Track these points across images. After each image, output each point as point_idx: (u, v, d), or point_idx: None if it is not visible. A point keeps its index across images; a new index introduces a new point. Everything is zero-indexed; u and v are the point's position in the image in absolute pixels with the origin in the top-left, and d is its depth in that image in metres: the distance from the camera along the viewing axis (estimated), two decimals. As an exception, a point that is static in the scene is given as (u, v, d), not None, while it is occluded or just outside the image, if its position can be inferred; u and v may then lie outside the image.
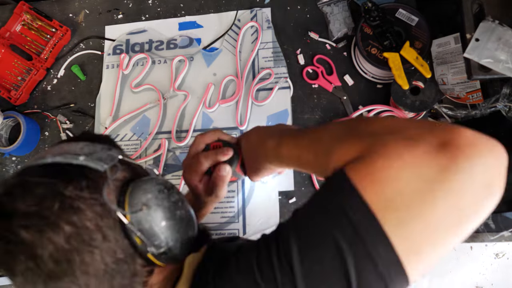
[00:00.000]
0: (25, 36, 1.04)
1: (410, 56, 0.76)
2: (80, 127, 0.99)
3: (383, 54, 0.78)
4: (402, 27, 0.81)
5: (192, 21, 0.99)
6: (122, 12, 1.03)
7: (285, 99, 0.91)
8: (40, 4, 1.07)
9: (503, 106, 0.79)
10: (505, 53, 0.72)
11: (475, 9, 0.78)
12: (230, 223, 0.87)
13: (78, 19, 1.06)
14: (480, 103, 0.82)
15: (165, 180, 0.45)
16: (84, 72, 1.02)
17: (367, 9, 0.78)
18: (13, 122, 1.01)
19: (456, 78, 0.85)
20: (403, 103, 0.77)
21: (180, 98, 0.95)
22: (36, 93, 1.03)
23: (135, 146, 0.94)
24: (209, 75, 0.95)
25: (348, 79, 0.90)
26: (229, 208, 0.88)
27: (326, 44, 0.92)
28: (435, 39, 0.86)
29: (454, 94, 0.86)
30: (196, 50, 0.97)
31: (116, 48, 1.01)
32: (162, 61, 0.98)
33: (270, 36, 0.94)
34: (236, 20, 0.96)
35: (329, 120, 0.88)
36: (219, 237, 0.59)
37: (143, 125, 0.95)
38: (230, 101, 0.92)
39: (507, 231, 0.78)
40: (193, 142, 0.56)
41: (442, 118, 0.86)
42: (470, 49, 0.74)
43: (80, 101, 1.00)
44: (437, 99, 0.78)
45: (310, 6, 0.95)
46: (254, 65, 0.94)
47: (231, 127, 0.92)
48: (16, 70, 1.01)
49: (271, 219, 0.85)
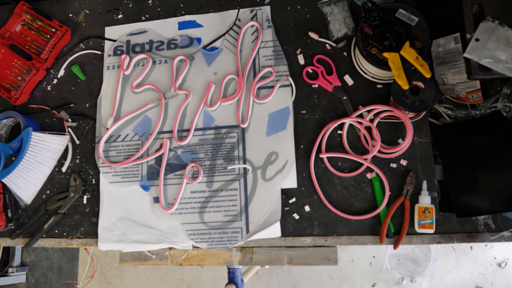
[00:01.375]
0: (25, 36, 1.04)
1: (410, 56, 0.76)
2: (80, 127, 0.99)
3: (383, 54, 0.78)
4: (402, 27, 0.81)
5: (191, 21, 0.99)
6: (122, 12, 1.04)
7: (286, 96, 0.91)
8: (40, 4, 1.07)
9: (503, 106, 0.79)
10: (505, 53, 0.72)
11: (475, 9, 0.78)
12: (233, 221, 0.87)
13: (78, 19, 1.06)
14: (480, 103, 0.82)
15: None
16: (84, 72, 1.02)
17: (367, 9, 0.79)
18: (13, 122, 1.01)
19: (456, 78, 0.85)
20: (403, 103, 0.77)
21: (181, 98, 0.95)
22: (36, 93, 1.03)
23: (137, 146, 0.94)
24: (210, 74, 0.96)
25: (348, 79, 0.90)
26: (231, 206, 0.88)
27: (326, 44, 0.92)
28: (435, 39, 0.86)
29: (454, 94, 0.86)
30: (197, 49, 0.97)
31: (116, 49, 1.01)
32: (162, 61, 0.98)
33: (270, 35, 0.94)
34: (236, 19, 0.96)
35: (328, 120, 0.89)
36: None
37: (144, 125, 0.95)
38: (232, 99, 0.92)
39: (507, 231, 0.78)
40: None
41: (442, 118, 0.86)
42: (470, 49, 0.74)
43: (80, 101, 1.00)
44: (437, 99, 0.79)
45: (310, 6, 0.95)
46: (254, 64, 0.94)
47: (233, 125, 0.92)
48: (16, 70, 1.01)
49: (274, 216, 0.85)
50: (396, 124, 0.87)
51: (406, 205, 0.82)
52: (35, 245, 0.95)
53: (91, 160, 0.96)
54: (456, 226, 0.82)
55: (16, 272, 2.10)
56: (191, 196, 0.90)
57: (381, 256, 1.79)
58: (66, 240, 0.94)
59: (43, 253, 2.18)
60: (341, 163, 0.87)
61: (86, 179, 0.96)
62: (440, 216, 0.82)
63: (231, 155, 0.90)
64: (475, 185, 0.79)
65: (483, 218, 0.80)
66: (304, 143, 0.89)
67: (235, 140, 0.91)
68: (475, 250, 1.77)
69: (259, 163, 0.89)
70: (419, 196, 0.82)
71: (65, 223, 0.95)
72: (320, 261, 0.84)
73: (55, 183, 0.97)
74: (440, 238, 0.82)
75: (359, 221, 0.84)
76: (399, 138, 0.86)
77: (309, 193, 0.86)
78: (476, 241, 0.81)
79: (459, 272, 1.76)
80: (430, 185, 0.83)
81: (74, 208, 0.95)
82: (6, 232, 0.97)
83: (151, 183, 0.92)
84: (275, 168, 0.88)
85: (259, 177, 0.88)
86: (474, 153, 0.80)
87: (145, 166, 0.93)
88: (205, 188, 0.90)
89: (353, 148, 0.87)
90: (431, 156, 0.84)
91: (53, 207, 0.95)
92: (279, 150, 0.89)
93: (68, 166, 0.97)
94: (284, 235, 0.86)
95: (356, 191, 0.85)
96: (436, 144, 0.85)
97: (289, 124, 0.89)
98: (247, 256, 0.87)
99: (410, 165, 0.84)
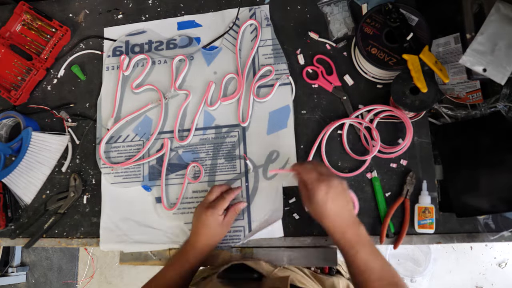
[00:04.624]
0: (25, 36, 1.04)
1: (429, 60, 0.76)
2: (80, 127, 0.99)
3: (402, 55, 0.77)
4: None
5: (191, 20, 0.99)
6: (122, 12, 1.04)
7: (286, 95, 0.91)
8: (40, 4, 1.07)
9: (503, 106, 0.79)
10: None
11: (475, 9, 0.78)
12: (235, 220, 0.87)
13: (78, 19, 1.06)
14: (480, 103, 0.82)
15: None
16: (84, 72, 1.02)
17: (388, 10, 0.79)
18: (13, 122, 1.01)
19: (456, 78, 0.85)
20: (403, 103, 0.78)
21: (181, 98, 0.95)
22: (36, 93, 1.03)
23: (138, 146, 0.94)
24: (209, 74, 0.96)
25: (348, 79, 0.90)
26: (233, 206, 0.88)
27: (326, 44, 0.92)
28: (435, 39, 0.86)
29: (454, 94, 0.86)
30: (196, 49, 0.97)
31: (115, 49, 1.01)
32: (162, 61, 0.98)
33: (269, 34, 0.94)
34: (236, 18, 0.96)
35: (328, 120, 0.89)
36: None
37: (145, 125, 0.95)
38: (232, 98, 0.92)
39: (507, 231, 0.79)
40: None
41: (442, 118, 0.86)
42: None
43: (80, 101, 1.00)
44: (437, 99, 0.79)
45: (310, 6, 0.95)
46: (254, 63, 0.94)
47: (233, 124, 0.92)
48: (16, 70, 1.01)
49: (276, 213, 0.85)
50: (396, 124, 0.87)
51: (406, 205, 0.82)
52: (35, 245, 0.95)
53: (91, 160, 0.96)
54: (456, 226, 0.82)
55: (16, 272, 2.10)
56: (193, 195, 0.90)
57: (381, 256, 1.78)
58: (66, 240, 0.94)
59: (43, 253, 2.18)
60: (341, 163, 0.87)
61: (86, 179, 0.96)
62: (440, 216, 0.82)
63: (232, 154, 0.90)
64: (475, 185, 0.79)
65: (483, 218, 0.80)
66: (304, 143, 0.89)
67: (236, 139, 0.91)
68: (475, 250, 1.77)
69: (260, 162, 0.89)
70: (419, 196, 0.82)
71: (65, 223, 0.95)
72: (320, 261, 0.84)
73: (55, 183, 0.97)
74: (440, 238, 0.82)
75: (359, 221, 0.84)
76: (399, 138, 0.86)
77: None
78: (476, 241, 0.81)
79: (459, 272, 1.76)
80: (430, 185, 0.83)
81: (74, 208, 0.95)
82: (6, 232, 0.97)
83: (152, 184, 0.92)
84: (276, 166, 0.88)
85: (260, 176, 0.88)
86: (474, 153, 0.80)
87: (146, 166, 0.93)
88: (207, 188, 0.90)
89: (353, 148, 0.87)
90: (431, 156, 0.84)
91: (53, 207, 0.95)
92: (280, 148, 0.89)
93: (68, 166, 0.97)
94: (284, 235, 0.86)
95: (356, 191, 0.85)
96: (436, 144, 0.85)
97: (290, 122, 0.89)
98: (247, 256, 0.87)
99: (410, 165, 0.84)
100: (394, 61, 0.80)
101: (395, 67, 0.80)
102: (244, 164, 0.89)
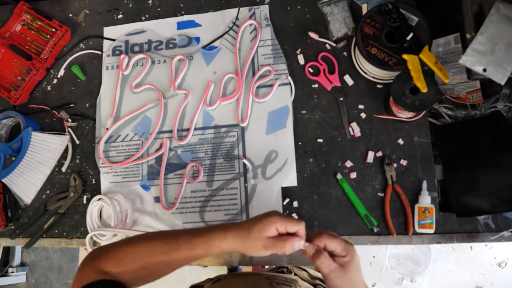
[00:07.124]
0: (25, 36, 1.04)
1: (429, 60, 0.76)
2: (80, 127, 0.99)
3: (402, 55, 0.77)
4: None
5: (190, 20, 0.99)
6: (122, 12, 1.03)
7: (285, 95, 0.91)
8: (40, 4, 1.07)
9: (503, 106, 0.79)
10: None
11: (475, 9, 0.78)
12: (233, 220, 0.87)
13: (78, 19, 1.06)
14: (480, 103, 0.82)
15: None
16: (84, 72, 1.02)
17: (388, 10, 0.79)
18: (13, 122, 1.01)
19: (456, 78, 0.85)
20: (403, 103, 0.77)
21: (180, 97, 0.95)
22: (36, 93, 1.03)
23: (137, 146, 0.94)
24: (209, 73, 0.96)
25: (348, 79, 0.90)
26: (232, 205, 0.88)
27: (326, 44, 0.92)
28: (435, 39, 0.86)
29: (454, 94, 0.86)
30: (195, 49, 0.97)
31: (115, 49, 1.01)
32: (161, 60, 0.98)
33: (269, 34, 0.94)
34: (236, 18, 0.96)
35: (328, 120, 0.89)
36: None
37: (144, 125, 0.95)
38: (231, 98, 0.92)
39: (507, 231, 0.78)
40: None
41: (442, 118, 0.86)
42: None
43: (80, 101, 1.00)
44: (437, 99, 0.79)
45: (310, 6, 0.95)
46: (253, 63, 0.94)
47: (232, 124, 0.92)
48: (16, 70, 1.01)
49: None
50: (396, 124, 0.87)
51: (398, 189, 0.82)
52: (35, 245, 0.95)
53: (91, 160, 0.96)
54: (456, 226, 0.82)
55: (16, 272, 2.10)
56: (191, 195, 0.90)
57: (381, 256, 1.79)
58: (66, 240, 0.94)
59: (43, 253, 2.18)
60: (341, 163, 0.87)
61: (86, 179, 0.96)
62: (440, 216, 0.82)
63: (231, 154, 0.90)
64: (475, 185, 0.79)
65: (483, 218, 0.80)
66: (304, 143, 0.89)
67: (234, 139, 0.91)
68: (475, 250, 1.76)
69: (259, 162, 0.89)
70: (419, 196, 0.82)
71: (65, 223, 0.95)
72: (320, 261, 0.84)
73: (55, 183, 0.97)
74: (440, 238, 0.82)
75: (359, 221, 0.84)
76: (399, 138, 0.86)
77: (309, 193, 0.86)
78: (476, 241, 0.81)
79: (459, 272, 1.76)
80: (430, 185, 0.83)
81: (74, 208, 0.95)
82: (6, 232, 0.97)
83: (151, 183, 0.92)
84: (275, 166, 0.88)
85: (259, 176, 0.88)
86: (474, 153, 0.80)
87: (145, 166, 0.93)
88: (206, 187, 0.90)
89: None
90: (431, 156, 0.84)
91: (53, 207, 0.95)
92: (278, 148, 0.89)
93: (68, 166, 0.97)
94: (284, 235, 0.86)
95: (356, 191, 0.85)
96: (436, 144, 0.85)
97: (289, 122, 0.89)
98: (247, 256, 0.87)
99: (410, 165, 0.84)
100: (394, 61, 0.80)
101: (395, 67, 0.80)
102: (242, 164, 0.89)
